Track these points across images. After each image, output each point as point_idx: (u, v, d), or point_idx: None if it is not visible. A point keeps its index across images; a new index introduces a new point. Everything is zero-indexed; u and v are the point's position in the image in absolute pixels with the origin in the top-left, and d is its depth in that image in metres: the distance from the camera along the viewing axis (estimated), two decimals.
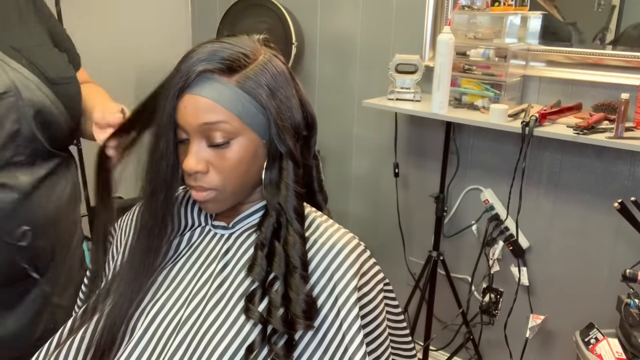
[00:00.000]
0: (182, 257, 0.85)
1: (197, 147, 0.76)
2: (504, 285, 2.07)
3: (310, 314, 0.75)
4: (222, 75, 0.75)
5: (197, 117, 0.74)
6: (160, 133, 0.77)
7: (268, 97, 0.76)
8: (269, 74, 0.77)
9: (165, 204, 0.80)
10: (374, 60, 2.20)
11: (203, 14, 2.70)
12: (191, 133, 0.76)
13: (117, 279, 0.84)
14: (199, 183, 0.77)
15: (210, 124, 0.74)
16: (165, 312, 0.80)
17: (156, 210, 0.80)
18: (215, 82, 0.74)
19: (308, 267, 0.77)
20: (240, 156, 0.77)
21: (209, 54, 0.75)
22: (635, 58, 1.69)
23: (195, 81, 0.74)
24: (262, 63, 0.78)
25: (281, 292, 0.75)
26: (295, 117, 0.80)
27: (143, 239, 0.81)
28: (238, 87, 0.75)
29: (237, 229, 0.85)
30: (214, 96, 0.74)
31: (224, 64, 0.75)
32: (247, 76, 0.76)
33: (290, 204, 0.78)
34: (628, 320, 1.47)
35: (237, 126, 0.75)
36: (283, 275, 0.76)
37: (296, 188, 0.79)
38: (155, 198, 0.79)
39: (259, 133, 0.77)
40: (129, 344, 0.79)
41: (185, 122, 0.75)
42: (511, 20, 1.81)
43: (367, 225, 2.40)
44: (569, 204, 1.89)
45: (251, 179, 0.80)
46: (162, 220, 0.81)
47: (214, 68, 0.74)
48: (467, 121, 1.80)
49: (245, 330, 0.75)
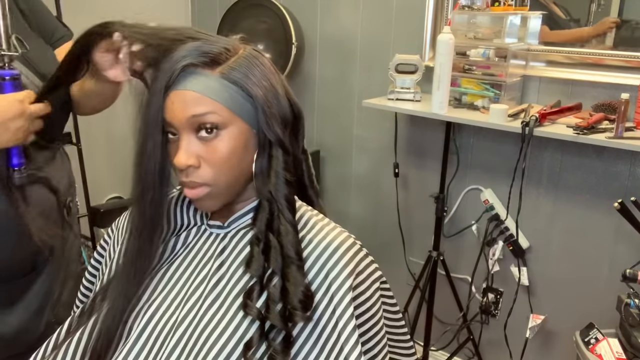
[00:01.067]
0: (178, 257, 0.85)
1: (187, 141, 0.76)
2: (504, 285, 2.07)
3: (307, 305, 0.75)
4: (205, 68, 0.75)
5: (185, 111, 0.74)
6: (147, 132, 0.76)
7: (254, 85, 0.77)
8: (252, 64, 0.78)
9: (155, 204, 0.79)
10: (374, 60, 2.20)
11: (203, 14, 2.70)
12: (180, 129, 0.76)
13: (114, 280, 0.84)
14: (190, 178, 0.77)
15: (198, 116, 0.74)
16: (161, 312, 0.80)
17: (145, 211, 0.79)
18: (200, 75, 0.75)
19: (302, 257, 0.77)
20: (231, 147, 0.77)
21: (189, 50, 0.75)
22: (635, 58, 1.69)
23: (180, 77, 0.75)
24: (244, 55, 0.78)
25: (279, 287, 0.75)
26: (282, 105, 0.80)
27: (135, 241, 0.81)
28: (223, 77, 0.75)
29: (232, 228, 0.85)
30: (199, 89, 0.74)
31: (206, 57, 0.75)
32: (231, 67, 0.76)
33: (280, 192, 0.78)
34: (628, 320, 1.47)
35: (225, 116, 0.75)
36: (280, 269, 0.76)
37: (286, 176, 0.79)
38: (144, 199, 0.79)
39: (248, 122, 0.77)
40: (125, 345, 0.79)
41: (174, 118, 0.75)
42: (511, 20, 1.81)
43: (367, 225, 2.40)
44: (569, 204, 1.89)
45: (243, 172, 0.80)
46: (151, 221, 0.80)
47: (197, 62, 0.75)
48: (467, 121, 1.80)
49: (242, 328, 0.76)
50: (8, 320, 1.07)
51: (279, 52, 2.27)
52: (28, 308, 1.09)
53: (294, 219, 0.79)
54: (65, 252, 1.16)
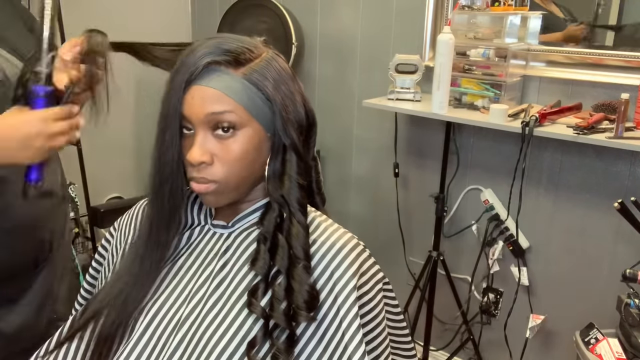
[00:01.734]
0: (181, 256, 0.85)
1: (203, 138, 0.76)
2: (504, 285, 2.07)
3: (312, 305, 0.75)
4: (228, 67, 0.76)
5: (204, 107, 0.75)
6: (166, 125, 0.77)
7: (274, 90, 0.77)
8: (274, 69, 0.78)
9: (173, 196, 0.80)
10: (374, 60, 2.20)
11: (203, 14, 2.70)
12: (197, 124, 0.76)
13: (122, 277, 0.84)
14: (202, 175, 0.77)
15: (217, 114, 0.75)
16: (165, 310, 0.80)
17: (164, 203, 0.80)
18: (223, 74, 0.75)
19: (310, 257, 0.78)
20: (245, 148, 0.77)
21: (214, 47, 0.75)
22: (635, 58, 1.69)
23: (202, 73, 0.75)
24: (267, 58, 0.79)
25: (284, 285, 0.75)
26: (299, 111, 0.81)
27: (152, 234, 0.81)
28: (245, 79, 0.76)
29: (236, 228, 0.85)
30: (221, 87, 0.75)
31: (230, 56, 0.75)
32: (253, 69, 0.77)
33: (293, 196, 0.79)
34: (628, 320, 1.47)
35: (243, 117, 0.76)
36: (286, 268, 0.76)
37: (299, 180, 0.80)
38: (162, 190, 0.79)
39: (264, 125, 0.78)
40: (128, 343, 0.79)
41: (192, 113, 0.75)
42: (511, 20, 1.81)
43: (367, 225, 2.40)
44: (569, 204, 1.89)
45: (253, 174, 0.80)
46: (169, 213, 0.81)
47: (221, 60, 0.75)
48: (467, 121, 1.80)
49: (246, 327, 0.76)
50: (10, 318, 1.08)
51: (279, 52, 2.26)
52: (30, 305, 1.10)
53: (306, 221, 0.79)
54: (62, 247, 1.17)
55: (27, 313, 1.10)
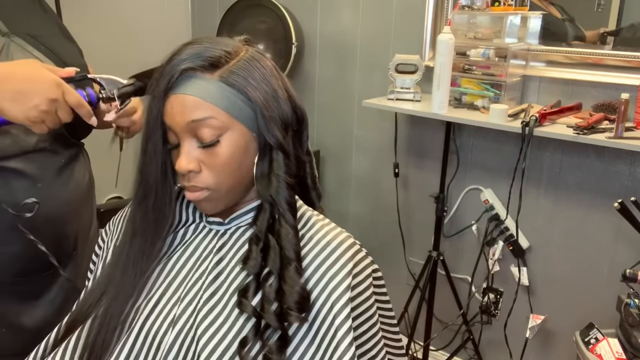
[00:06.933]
0: (175, 253, 0.85)
1: (188, 146, 0.76)
2: (504, 285, 2.07)
3: (303, 306, 0.74)
4: (204, 72, 0.75)
5: (185, 116, 0.74)
6: (148, 135, 0.77)
7: (253, 89, 0.76)
8: (252, 67, 0.78)
9: (157, 208, 0.80)
10: (374, 60, 2.20)
11: (203, 14, 2.70)
12: (180, 133, 0.76)
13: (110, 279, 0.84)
14: (192, 183, 0.77)
15: (198, 121, 0.74)
16: (159, 309, 0.80)
17: (148, 214, 0.80)
18: (198, 79, 0.75)
19: (302, 260, 0.78)
20: (231, 151, 0.77)
21: (188, 54, 0.75)
22: (635, 58, 1.69)
23: (179, 81, 0.75)
24: (245, 58, 0.78)
25: (275, 287, 0.75)
26: (283, 108, 0.80)
27: (137, 241, 0.81)
28: (222, 81, 0.75)
29: (232, 225, 0.85)
30: (198, 93, 0.74)
31: (206, 61, 0.75)
32: (230, 70, 0.76)
33: (281, 196, 0.78)
34: (628, 320, 1.47)
35: (225, 120, 0.75)
36: (277, 270, 0.76)
37: (287, 179, 0.79)
38: (146, 202, 0.80)
39: (248, 126, 0.77)
40: (125, 342, 0.79)
41: (174, 122, 0.76)
42: (511, 20, 1.81)
43: (367, 225, 2.40)
44: (569, 204, 1.89)
45: (245, 177, 0.80)
46: (154, 224, 0.81)
47: (195, 66, 0.75)
48: (467, 121, 1.80)
49: (238, 324, 0.76)
50: (34, 314, 1.09)
51: (279, 52, 2.27)
52: (53, 301, 1.11)
53: (295, 221, 0.79)
54: (87, 246, 1.18)
55: (50, 309, 1.11)
